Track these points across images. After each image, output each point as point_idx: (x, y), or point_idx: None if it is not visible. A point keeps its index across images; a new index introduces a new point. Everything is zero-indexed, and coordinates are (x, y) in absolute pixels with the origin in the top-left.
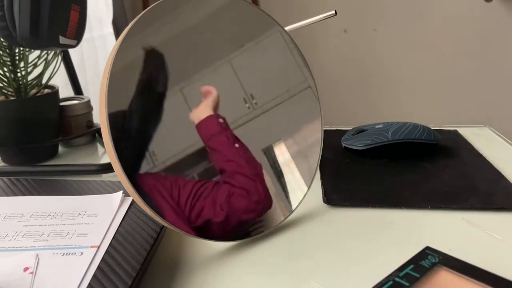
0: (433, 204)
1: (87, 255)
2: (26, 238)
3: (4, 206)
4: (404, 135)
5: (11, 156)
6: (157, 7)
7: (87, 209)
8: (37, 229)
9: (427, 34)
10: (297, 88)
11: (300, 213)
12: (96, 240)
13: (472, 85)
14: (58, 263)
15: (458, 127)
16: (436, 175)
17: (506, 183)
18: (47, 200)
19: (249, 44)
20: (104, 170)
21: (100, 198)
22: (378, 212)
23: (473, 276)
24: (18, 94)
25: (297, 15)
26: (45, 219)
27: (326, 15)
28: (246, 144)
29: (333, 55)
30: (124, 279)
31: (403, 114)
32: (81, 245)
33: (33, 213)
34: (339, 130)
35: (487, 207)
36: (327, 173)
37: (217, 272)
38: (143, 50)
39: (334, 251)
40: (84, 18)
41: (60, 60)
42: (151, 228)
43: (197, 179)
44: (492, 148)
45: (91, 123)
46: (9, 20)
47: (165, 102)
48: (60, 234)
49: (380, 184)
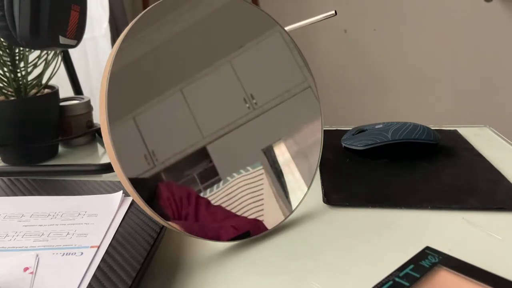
0: (433, 204)
1: (87, 255)
2: (26, 238)
3: (4, 206)
4: (404, 135)
5: (11, 156)
6: (157, 7)
7: (87, 209)
8: (37, 229)
9: (427, 34)
10: (297, 88)
11: (300, 213)
12: (96, 240)
13: (472, 85)
14: (58, 263)
15: (458, 127)
16: (436, 175)
17: (506, 183)
18: (47, 200)
19: (249, 44)
20: (104, 170)
21: (100, 198)
22: (378, 212)
23: (473, 276)
24: (18, 94)
25: (297, 15)
26: (45, 219)
27: (326, 15)
28: (246, 144)
29: (333, 55)
30: (124, 279)
31: (403, 114)
32: (81, 245)
33: (33, 213)
34: (339, 130)
35: (487, 207)
36: (327, 173)
37: (217, 272)
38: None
39: (334, 251)
40: (84, 18)
41: (60, 60)
42: (151, 228)
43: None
44: (492, 148)
45: (91, 123)
46: (9, 20)
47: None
48: (60, 234)
49: (380, 184)
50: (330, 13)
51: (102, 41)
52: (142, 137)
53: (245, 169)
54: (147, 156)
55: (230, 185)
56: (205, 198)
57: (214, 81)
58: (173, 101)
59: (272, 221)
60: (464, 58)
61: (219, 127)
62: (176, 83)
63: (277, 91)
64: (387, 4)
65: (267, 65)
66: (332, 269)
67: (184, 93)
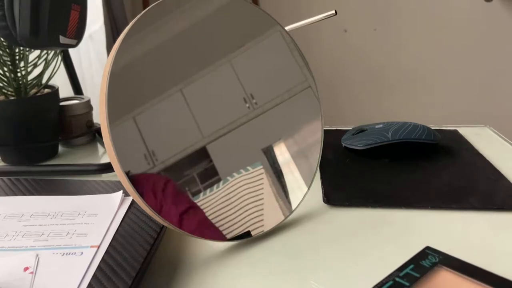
0: (433, 204)
1: (87, 255)
2: (26, 238)
3: (4, 206)
4: (404, 135)
5: (11, 156)
6: (157, 7)
7: (87, 209)
8: (37, 229)
9: (427, 34)
10: (297, 88)
11: (300, 213)
12: (96, 240)
13: (472, 85)
14: (58, 263)
15: (458, 127)
16: (436, 175)
17: (506, 183)
18: (47, 200)
19: (249, 44)
20: (104, 170)
21: (100, 198)
22: (378, 212)
23: (473, 276)
24: (18, 94)
25: (297, 15)
26: (45, 219)
27: (326, 15)
28: (246, 143)
29: (333, 55)
30: (124, 279)
31: (403, 114)
32: (81, 245)
33: (33, 213)
34: (339, 130)
35: (487, 207)
36: (327, 173)
37: (217, 272)
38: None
39: (334, 251)
40: (84, 17)
41: (60, 60)
42: (151, 228)
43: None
44: (492, 148)
45: (91, 123)
46: (9, 19)
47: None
48: (60, 234)
49: (380, 184)
50: (330, 13)
51: (93, 41)
52: (142, 137)
53: (245, 169)
54: (147, 156)
55: (230, 185)
56: (202, 199)
57: (214, 81)
58: (173, 101)
59: (272, 221)
60: (464, 58)
61: (219, 127)
62: (176, 83)
63: (277, 91)
64: (387, 4)
65: (267, 65)
66: (332, 269)
67: (184, 93)
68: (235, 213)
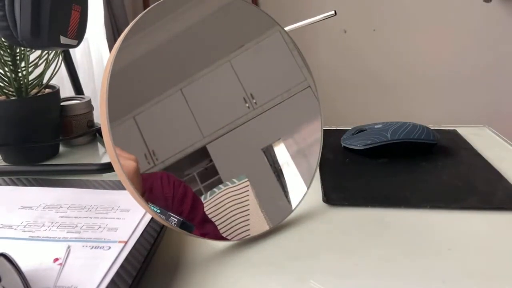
0: (432, 204)
1: (114, 250)
2: (60, 229)
3: (45, 196)
4: (404, 135)
5: (12, 156)
6: (158, 7)
7: (121, 204)
8: (72, 221)
9: (427, 34)
10: (297, 88)
11: (300, 213)
12: (125, 235)
13: (471, 85)
14: (86, 255)
15: (457, 127)
16: (436, 175)
17: (505, 183)
18: (85, 193)
19: (249, 44)
20: (104, 170)
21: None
22: (377, 212)
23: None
24: (19, 94)
25: (297, 15)
26: (81, 211)
27: (326, 15)
28: (246, 143)
29: (333, 55)
30: (124, 279)
31: (403, 114)
32: (109, 240)
33: (70, 205)
34: (339, 130)
35: (487, 207)
36: (326, 173)
37: (217, 271)
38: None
39: (334, 251)
40: (85, 18)
41: (61, 60)
42: (151, 228)
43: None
44: (491, 148)
45: (92, 123)
46: (10, 20)
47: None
48: (92, 227)
49: (380, 183)
50: (330, 13)
51: (91, 43)
52: (142, 137)
53: (245, 168)
54: (147, 156)
55: (230, 185)
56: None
57: (214, 81)
58: (173, 101)
59: (272, 220)
60: (463, 58)
61: (219, 126)
62: (176, 83)
63: (277, 91)
64: (387, 4)
65: (267, 65)
66: (332, 269)
67: (184, 93)
68: (234, 212)
